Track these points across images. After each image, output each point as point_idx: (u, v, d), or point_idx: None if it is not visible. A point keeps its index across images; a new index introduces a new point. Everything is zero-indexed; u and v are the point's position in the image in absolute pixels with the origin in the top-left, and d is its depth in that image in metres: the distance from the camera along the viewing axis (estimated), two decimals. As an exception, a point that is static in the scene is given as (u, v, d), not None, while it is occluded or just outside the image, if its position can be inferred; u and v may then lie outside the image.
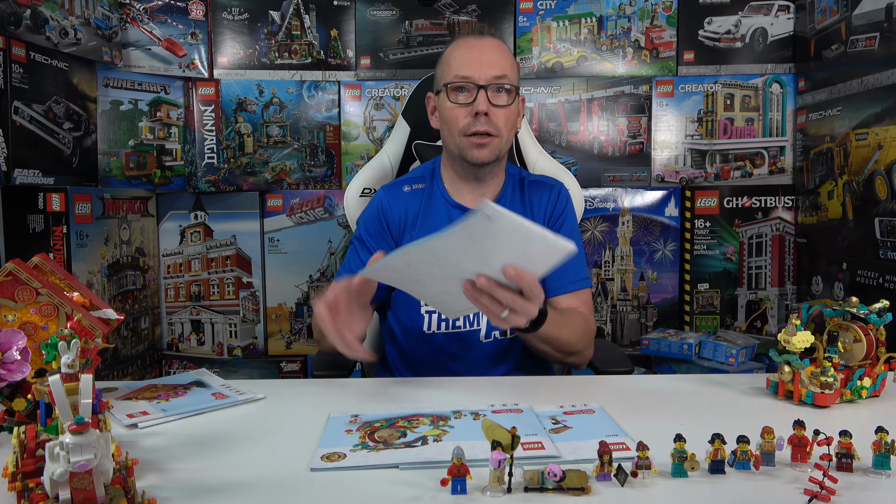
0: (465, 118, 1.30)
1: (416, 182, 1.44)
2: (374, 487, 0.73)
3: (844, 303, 1.05)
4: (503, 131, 1.32)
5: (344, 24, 2.44)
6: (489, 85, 1.29)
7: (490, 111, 1.29)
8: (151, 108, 2.35)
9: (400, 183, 1.45)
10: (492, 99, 1.30)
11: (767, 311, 2.46)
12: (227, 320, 2.48)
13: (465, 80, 1.30)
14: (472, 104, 1.30)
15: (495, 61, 1.31)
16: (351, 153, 2.46)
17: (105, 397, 0.91)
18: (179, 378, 1.17)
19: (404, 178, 1.46)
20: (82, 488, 0.59)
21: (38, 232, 1.82)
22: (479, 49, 1.32)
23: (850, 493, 0.71)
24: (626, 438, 0.85)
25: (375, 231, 1.40)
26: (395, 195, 1.42)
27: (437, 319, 1.35)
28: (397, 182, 1.45)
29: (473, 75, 1.30)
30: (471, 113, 1.30)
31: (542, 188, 1.42)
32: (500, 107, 1.31)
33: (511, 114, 1.33)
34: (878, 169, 1.89)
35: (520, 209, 1.40)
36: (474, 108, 1.29)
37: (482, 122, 1.29)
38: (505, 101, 1.31)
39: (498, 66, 1.31)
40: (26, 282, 0.94)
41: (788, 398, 1.02)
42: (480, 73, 1.30)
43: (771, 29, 2.41)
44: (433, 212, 1.40)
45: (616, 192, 2.45)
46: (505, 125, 1.32)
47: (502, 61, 1.32)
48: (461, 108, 1.31)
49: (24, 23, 1.78)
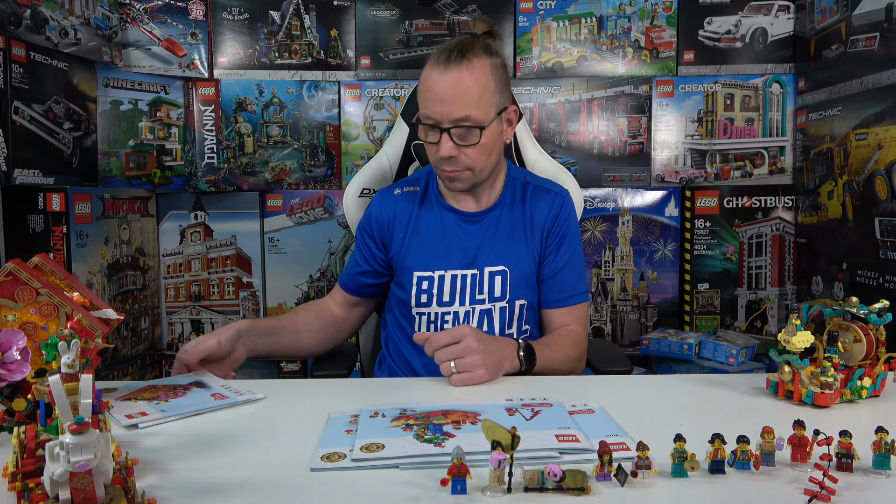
0: (436, 155, 1.29)
1: (409, 185, 1.45)
2: (374, 487, 0.73)
3: (844, 303, 1.05)
4: (477, 163, 1.30)
5: (344, 24, 2.44)
6: (452, 127, 1.25)
7: (457, 152, 1.27)
8: (151, 108, 2.35)
9: (393, 186, 1.47)
10: (457, 140, 1.26)
11: (767, 311, 2.46)
12: (227, 320, 2.48)
13: (429, 122, 1.27)
14: (438, 144, 1.27)
15: (457, 101, 1.24)
16: (351, 153, 2.46)
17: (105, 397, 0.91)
18: (179, 379, 1.17)
19: (398, 182, 1.48)
20: (82, 488, 0.59)
21: (38, 232, 1.82)
22: (440, 87, 1.24)
23: (850, 493, 0.71)
24: (626, 438, 0.85)
25: (367, 234, 1.44)
26: (386, 198, 1.44)
27: (426, 321, 1.35)
28: (391, 186, 1.47)
29: (435, 118, 1.26)
30: (437, 154, 1.28)
31: (545, 196, 1.41)
32: (467, 146, 1.27)
33: (484, 147, 1.29)
34: (878, 169, 1.89)
35: (519, 218, 1.39)
36: (438, 151, 1.27)
37: (448, 162, 1.28)
38: (473, 139, 1.27)
39: (460, 105, 1.24)
40: (26, 282, 0.94)
41: (788, 398, 1.02)
42: (441, 115, 1.25)
43: (771, 29, 2.41)
44: (426, 213, 1.41)
45: (616, 192, 2.45)
46: (477, 158, 1.29)
47: (466, 99, 1.24)
48: (431, 146, 1.29)
49: (24, 23, 1.78)
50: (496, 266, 1.36)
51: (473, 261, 1.36)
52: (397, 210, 1.41)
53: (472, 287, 1.35)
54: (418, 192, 1.43)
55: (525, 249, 1.37)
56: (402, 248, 1.40)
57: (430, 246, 1.38)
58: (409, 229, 1.40)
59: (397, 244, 1.41)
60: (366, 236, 1.44)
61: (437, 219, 1.40)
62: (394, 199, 1.43)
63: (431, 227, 1.40)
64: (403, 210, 1.41)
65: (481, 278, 1.35)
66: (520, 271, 1.36)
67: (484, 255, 1.37)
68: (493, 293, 1.35)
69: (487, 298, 1.35)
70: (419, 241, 1.39)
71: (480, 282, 1.35)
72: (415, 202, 1.42)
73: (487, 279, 1.35)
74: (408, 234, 1.40)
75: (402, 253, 1.40)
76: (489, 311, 1.35)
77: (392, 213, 1.41)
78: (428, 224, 1.40)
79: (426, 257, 1.37)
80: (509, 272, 1.36)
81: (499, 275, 1.35)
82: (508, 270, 1.36)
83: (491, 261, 1.36)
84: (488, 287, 1.35)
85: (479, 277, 1.36)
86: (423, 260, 1.37)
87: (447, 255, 1.37)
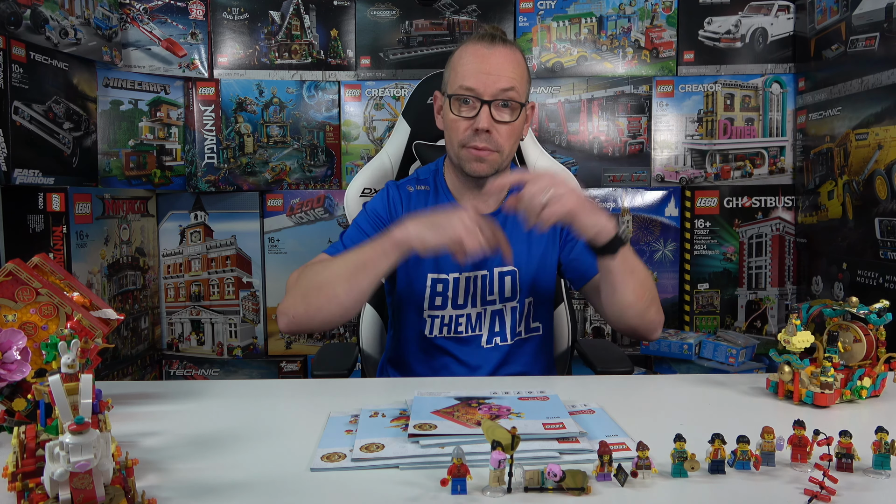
0: (466, 130, 1.27)
1: (421, 184, 1.42)
2: (374, 487, 0.73)
3: (844, 303, 1.05)
4: (505, 147, 1.28)
5: (344, 24, 2.44)
6: (494, 100, 1.24)
7: (492, 128, 1.25)
8: (151, 108, 2.35)
9: (405, 183, 1.43)
10: (495, 115, 1.25)
11: (767, 311, 2.46)
12: (227, 320, 2.48)
13: (470, 93, 1.25)
14: (474, 118, 1.25)
15: (504, 73, 1.25)
16: (351, 153, 2.46)
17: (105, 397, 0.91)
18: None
19: (408, 179, 1.44)
20: (82, 488, 0.59)
21: (38, 232, 1.82)
22: (487, 59, 1.25)
23: (850, 493, 0.71)
24: (626, 438, 0.85)
25: (380, 221, 1.36)
26: (402, 192, 1.40)
27: (439, 324, 1.35)
28: (402, 182, 1.44)
29: (478, 88, 1.24)
30: (472, 127, 1.26)
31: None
32: (503, 123, 1.26)
33: (515, 129, 1.29)
34: (878, 169, 1.89)
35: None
36: (475, 123, 1.25)
37: (482, 138, 1.25)
38: (509, 116, 1.27)
39: (506, 78, 1.25)
40: (26, 282, 0.94)
41: (788, 398, 1.02)
42: (486, 86, 1.24)
43: (771, 29, 2.41)
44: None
45: (616, 192, 2.45)
46: (507, 140, 1.28)
47: (512, 73, 1.26)
48: (463, 121, 1.27)
49: (24, 23, 1.78)
50: (505, 266, 1.34)
51: (483, 262, 1.34)
52: (413, 208, 1.38)
53: (483, 288, 1.34)
54: (430, 191, 1.40)
55: (535, 247, 1.36)
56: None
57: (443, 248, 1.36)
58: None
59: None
60: (379, 224, 1.36)
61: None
62: (408, 196, 1.39)
63: None
64: (418, 209, 1.37)
65: (491, 279, 1.34)
66: (529, 270, 1.35)
67: (493, 256, 1.33)
68: (503, 294, 1.34)
69: (498, 299, 1.34)
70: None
71: (491, 282, 1.34)
72: (427, 202, 1.39)
73: (497, 280, 1.34)
74: None
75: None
76: (500, 312, 1.34)
77: (407, 209, 1.37)
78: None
79: (440, 259, 1.33)
80: (518, 272, 1.34)
81: (508, 275, 1.34)
82: (518, 270, 1.34)
83: (500, 261, 1.34)
84: (499, 288, 1.34)
85: (488, 278, 1.34)
86: (437, 262, 1.34)
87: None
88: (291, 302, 1.23)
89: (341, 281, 1.17)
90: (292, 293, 1.25)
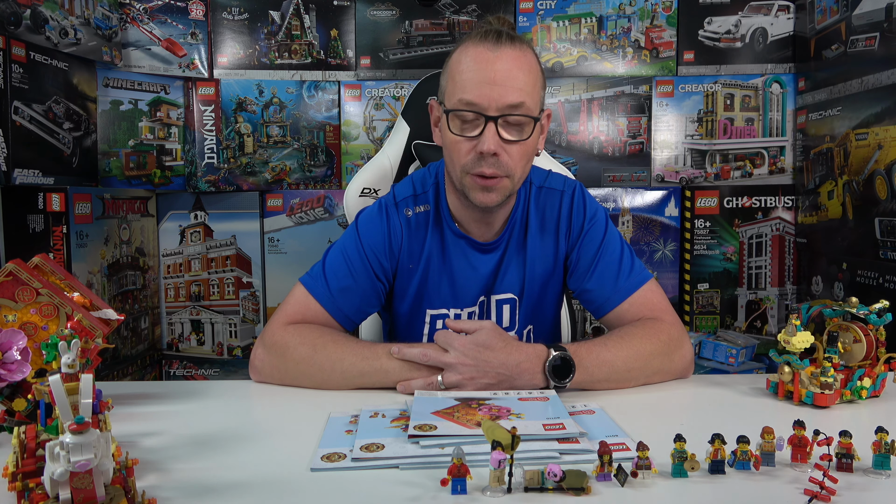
0: (469, 154, 1.08)
1: (419, 203, 1.26)
2: (374, 487, 0.73)
3: (844, 303, 1.05)
4: (516, 170, 1.09)
5: (344, 24, 2.44)
6: (500, 116, 1.05)
7: (500, 150, 1.06)
8: (151, 108, 2.35)
9: (403, 204, 1.26)
10: (503, 133, 1.06)
11: (767, 311, 2.46)
12: (227, 320, 2.48)
13: (472, 108, 1.06)
14: (478, 138, 1.06)
15: (512, 83, 1.04)
16: (351, 153, 2.46)
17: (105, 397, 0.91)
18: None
19: (406, 198, 1.26)
20: (82, 488, 0.59)
21: (38, 232, 1.82)
22: (492, 65, 1.05)
23: (850, 493, 0.71)
24: (626, 438, 0.85)
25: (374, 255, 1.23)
26: (402, 219, 1.24)
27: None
28: (402, 201, 1.26)
29: (482, 103, 1.05)
30: (476, 149, 1.07)
31: (551, 197, 1.26)
32: (513, 142, 1.07)
33: (528, 148, 1.09)
34: (878, 169, 1.89)
35: (536, 227, 1.26)
36: (480, 145, 1.06)
37: (489, 163, 1.07)
38: (520, 135, 1.07)
39: (515, 90, 1.05)
40: (26, 282, 0.94)
41: (788, 398, 1.02)
42: (491, 100, 1.04)
43: (771, 29, 2.41)
44: (438, 243, 1.25)
45: (616, 192, 2.45)
46: (519, 162, 1.09)
47: (522, 82, 1.05)
48: (466, 142, 1.08)
49: (24, 23, 1.78)
50: (504, 294, 1.26)
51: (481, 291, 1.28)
52: (412, 236, 1.24)
53: (480, 317, 1.27)
54: (430, 212, 1.24)
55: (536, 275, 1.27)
56: (411, 282, 1.25)
57: (444, 283, 1.25)
58: (422, 262, 1.24)
59: (404, 275, 1.25)
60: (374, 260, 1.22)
61: (451, 250, 1.25)
62: (407, 222, 1.24)
63: (445, 260, 1.25)
64: (417, 236, 1.24)
65: (488, 307, 1.27)
66: (530, 299, 1.27)
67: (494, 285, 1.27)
68: (501, 323, 1.27)
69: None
70: (433, 276, 1.25)
71: (488, 311, 1.27)
72: (427, 227, 1.24)
73: (495, 308, 1.27)
74: (420, 267, 1.25)
75: (409, 287, 1.26)
76: None
77: (408, 238, 1.24)
78: (441, 256, 1.25)
79: (439, 295, 1.25)
80: (518, 300, 1.27)
81: (507, 303, 1.27)
82: (517, 299, 1.27)
83: (498, 289, 1.27)
84: (496, 317, 1.27)
85: (485, 305, 1.27)
86: (436, 298, 1.25)
87: (461, 292, 1.26)
88: (270, 369, 1.13)
89: (335, 378, 1.09)
90: (272, 359, 1.13)
